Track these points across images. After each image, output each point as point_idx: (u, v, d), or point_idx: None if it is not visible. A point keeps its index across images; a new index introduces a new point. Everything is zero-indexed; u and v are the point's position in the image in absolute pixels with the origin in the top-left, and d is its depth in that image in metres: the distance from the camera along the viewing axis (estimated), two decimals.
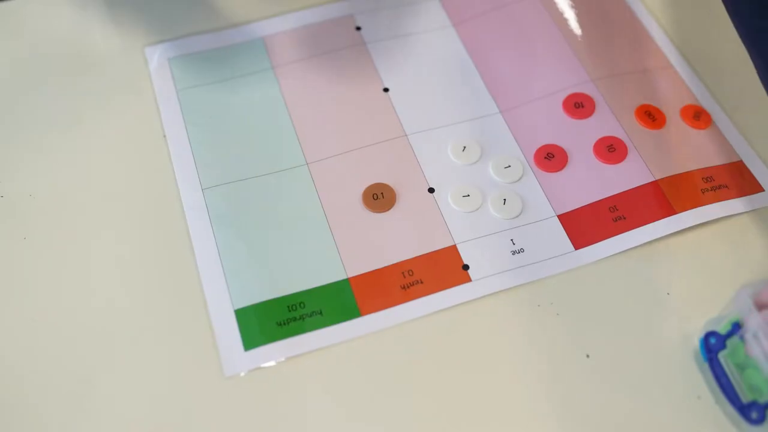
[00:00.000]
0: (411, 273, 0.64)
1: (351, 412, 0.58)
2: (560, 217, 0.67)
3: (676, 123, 0.73)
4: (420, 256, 0.64)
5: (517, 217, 0.67)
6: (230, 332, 0.61)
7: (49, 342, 0.61)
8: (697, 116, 0.73)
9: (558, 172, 0.69)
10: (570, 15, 0.79)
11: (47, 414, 0.58)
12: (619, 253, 0.65)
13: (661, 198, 0.67)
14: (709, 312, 0.62)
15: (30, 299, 0.63)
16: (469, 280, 0.63)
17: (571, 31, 0.78)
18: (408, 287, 0.63)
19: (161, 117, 0.72)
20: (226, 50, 0.76)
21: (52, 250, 0.65)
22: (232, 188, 0.68)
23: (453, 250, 0.65)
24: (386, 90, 0.74)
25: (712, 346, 0.59)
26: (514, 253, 0.65)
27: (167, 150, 0.70)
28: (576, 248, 0.65)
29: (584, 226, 0.66)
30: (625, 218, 0.66)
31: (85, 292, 0.63)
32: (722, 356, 0.59)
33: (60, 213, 0.67)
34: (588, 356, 0.61)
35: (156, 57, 0.76)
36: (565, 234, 0.66)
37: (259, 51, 0.76)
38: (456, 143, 0.71)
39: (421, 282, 0.63)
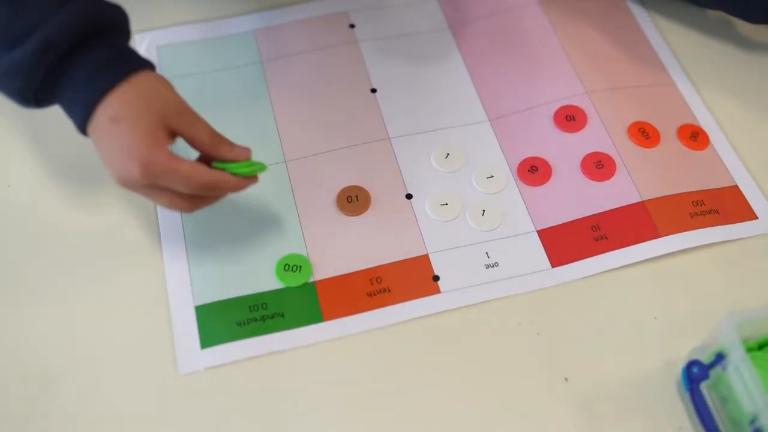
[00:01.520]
0: (379, 280, 0.62)
1: (305, 416, 0.57)
2: (540, 233, 0.65)
3: (671, 142, 0.70)
4: (390, 263, 0.63)
5: (494, 229, 0.65)
6: (188, 329, 0.59)
7: (4, 335, 0.60)
8: (694, 136, 0.70)
9: (541, 186, 0.67)
10: (572, 25, 0.77)
11: (3, 410, 0.57)
12: (607, 273, 0.63)
13: (646, 220, 0.65)
14: (695, 339, 0.59)
15: None
16: (438, 291, 0.61)
17: (571, 41, 0.75)
18: (374, 295, 0.61)
19: None
20: (216, 41, 0.75)
21: (17, 235, 0.64)
22: None
23: (425, 259, 0.63)
24: (374, 91, 0.72)
25: (694, 375, 0.57)
26: (488, 266, 0.63)
27: None
28: (553, 266, 0.63)
29: (564, 243, 0.64)
30: (606, 238, 0.64)
31: (45, 281, 0.62)
32: (704, 387, 0.57)
33: (30, 198, 0.66)
34: (566, 379, 0.58)
35: (145, 44, 0.75)
36: (543, 250, 0.64)
37: (249, 44, 0.75)
38: (440, 150, 0.69)
39: (389, 290, 0.61)
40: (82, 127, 0.56)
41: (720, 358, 0.56)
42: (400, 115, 0.71)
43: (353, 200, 0.66)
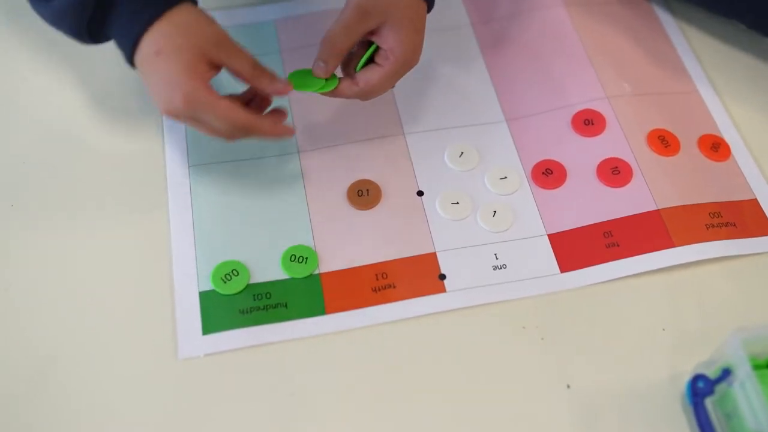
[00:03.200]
0: (385, 276, 0.61)
1: (302, 408, 0.56)
2: (550, 237, 0.64)
3: (691, 152, 0.69)
4: (397, 259, 0.62)
5: (505, 231, 0.64)
6: (191, 314, 0.59)
7: (9, 316, 0.60)
8: (716, 147, 0.69)
9: (555, 190, 0.66)
10: (596, 28, 0.76)
11: (5, 392, 0.57)
12: (617, 281, 0.62)
13: (660, 229, 0.63)
14: (704, 353, 0.58)
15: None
16: (443, 290, 0.61)
17: (594, 44, 0.74)
18: (379, 290, 0.61)
19: None
20: (236, 30, 0.74)
21: (38, 215, 0.65)
22: (220, 168, 0.67)
23: (432, 257, 0.62)
24: None
25: (699, 390, 0.56)
26: (495, 268, 0.62)
27: (161, 123, 0.69)
28: (562, 271, 0.62)
29: (574, 248, 0.63)
30: (618, 245, 0.63)
31: (48, 259, 0.62)
32: (709, 402, 0.56)
33: (46, 181, 0.66)
34: (569, 386, 0.57)
35: None
36: (553, 255, 0.63)
37: (269, 34, 0.75)
38: (454, 147, 0.68)
39: (394, 286, 0.61)
40: (130, 60, 0.58)
41: (726, 373, 0.55)
42: (416, 111, 0.70)
43: (364, 194, 0.65)
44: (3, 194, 0.65)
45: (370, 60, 0.62)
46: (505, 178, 0.67)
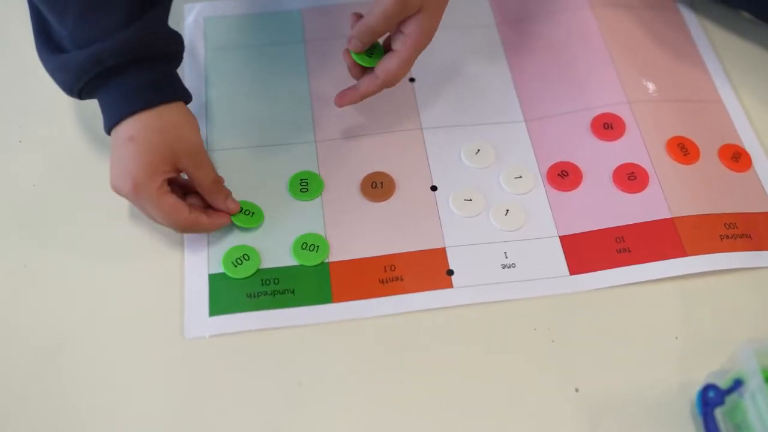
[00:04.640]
0: (393, 268, 0.62)
1: (303, 395, 0.57)
2: (562, 239, 0.63)
3: (710, 161, 0.68)
4: (406, 252, 0.62)
5: (516, 230, 0.64)
6: (200, 296, 0.60)
7: (24, 295, 0.61)
8: (736, 157, 0.68)
9: (570, 192, 0.66)
10: (621, 32, 0.75)
11: (14, 371, 0.58)
12: (632, 286, 0.61)
13: (673, 237, 0.63)
14: (716, 363, 0.57)
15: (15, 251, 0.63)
16: (450, 286, 0.61)
17: (618, 48, 0.74)
18: (387, 282, 0.61)
19: (184, 73, 0.72)
20: (262, 17, 0.76)
21: (54, 195, 0.66)
22: (238, 154, 0.67)
23: (441, 252, 0.62)
24: (412, 80, 0.72)
25: (709, 400, 0.55)
26: (504, 267, 0.62)
27: None
28: (571, 273, 0.62)
29: (585, 252, 0.63)
30: (629, 251, 0.62)
31: (58, 240, 0.63)
32: (719, 413, 0.55)
33: (64, 163, 0.67)
34: (577, 390, 0.57)
35: (193, 14, 0.76)
36: (563, 257, 0.62)
37: (294, 23, 0.76)
38: (471, 145, 0.68)
39: (401, 279, 0.61)
40: (108, 131, 0.60)
41: (738, 384, 0.54)
42: (435, 107, 0.71)
43: (377, 186, 0.66)
44: (24, 176, 0.67)
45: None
46: (520, 177, 0.66)
